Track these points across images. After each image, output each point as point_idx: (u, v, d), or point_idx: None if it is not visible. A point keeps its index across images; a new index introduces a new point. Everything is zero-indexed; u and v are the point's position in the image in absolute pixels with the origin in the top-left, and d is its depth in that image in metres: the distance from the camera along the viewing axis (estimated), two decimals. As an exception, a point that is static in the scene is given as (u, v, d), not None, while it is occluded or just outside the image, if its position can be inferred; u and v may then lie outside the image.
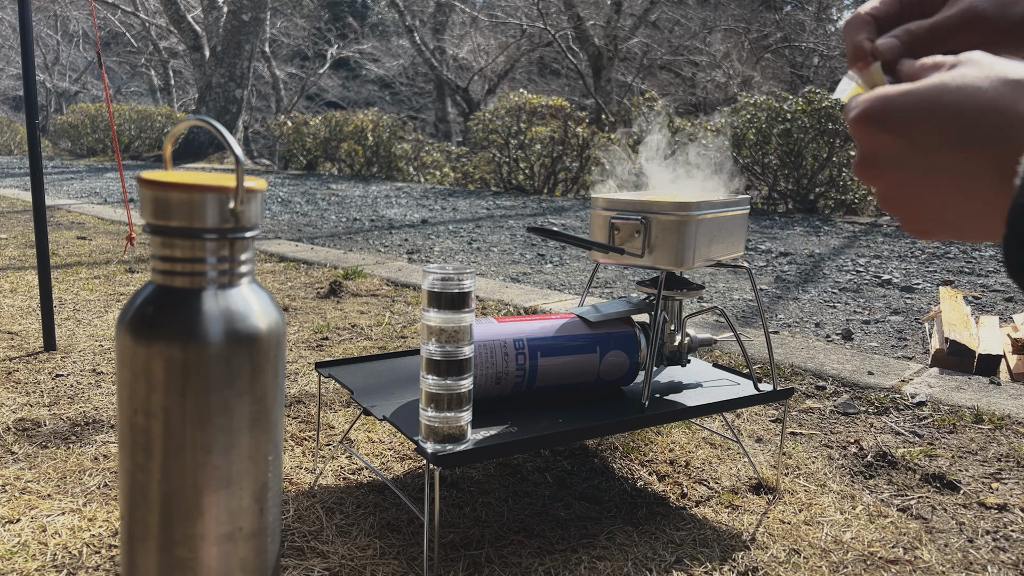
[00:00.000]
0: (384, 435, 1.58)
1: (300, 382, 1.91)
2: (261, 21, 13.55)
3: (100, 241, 4.25)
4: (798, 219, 6.63)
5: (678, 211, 1.20)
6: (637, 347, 1.27)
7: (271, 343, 0.64)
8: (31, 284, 2.95)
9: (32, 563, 1.09)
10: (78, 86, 22.53)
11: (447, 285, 0.99)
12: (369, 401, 1.21)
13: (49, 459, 1.43)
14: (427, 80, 18.96)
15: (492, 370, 1.18)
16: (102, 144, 13.27)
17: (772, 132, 7.23)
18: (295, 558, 1.12)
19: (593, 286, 3.61)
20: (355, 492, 1.33)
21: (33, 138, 2.10)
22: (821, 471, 1.50)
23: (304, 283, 3.20)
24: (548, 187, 9.28)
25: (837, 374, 2.07)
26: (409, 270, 3.55)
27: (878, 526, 1.29)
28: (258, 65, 16.78)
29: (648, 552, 1.17)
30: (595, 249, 1.27)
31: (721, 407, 1.30)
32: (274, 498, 0.67)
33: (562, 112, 9.03)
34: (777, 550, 1.20)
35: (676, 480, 1.43)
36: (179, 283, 0.62)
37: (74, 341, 2.21)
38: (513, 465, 1.46)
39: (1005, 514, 1.35)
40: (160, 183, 0.60)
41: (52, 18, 20.75)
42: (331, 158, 11.68)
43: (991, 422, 1.75)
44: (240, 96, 13.39)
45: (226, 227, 0.61)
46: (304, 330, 2.40)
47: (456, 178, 10.79)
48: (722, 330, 2.52)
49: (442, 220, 6.12)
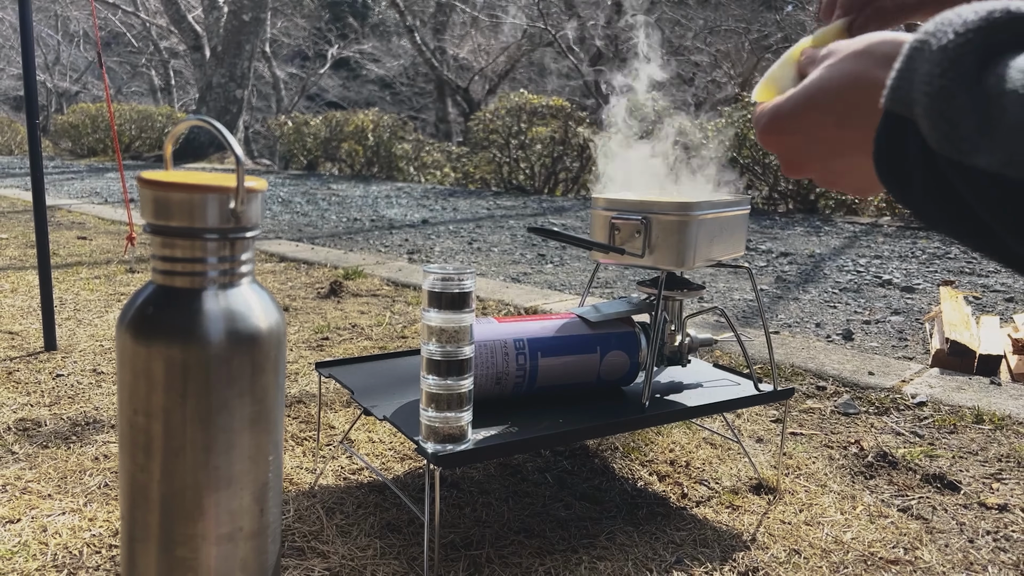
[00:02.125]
0: (384, 435, 1.58)
1: (300, 382, 1.91)
2: (262, 21, 13.56)
3: (101, 241, 4.26)
4: (799, 219, 6.62)
5: (679, 211, 1.20)
6: (638, 347, 1.27)
7: (271, 343, 0.64)
8: (31, 284, 2.95)
9: (32, 563, 1.09)
10: (78, 86, 22.54)
11: (447, 285, 0.99)
12: (369, 401, 1.21)
13: (50, 459, 1.43)
14: (427, 80, 18.95)
15: (492, 370, 1.18)
16: (103, 144, 13.27)
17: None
18: (295, 558, 1.12)
19: (593, 286, 3.61)
20: (355, 492, 1.33)
21: (34, 138, 2.10)
22: (822, 471, 1.50)
23: (304, 283, 3.20)
24: (548, 187, 9.29)
25: (838, 374, 2.07)
26: (409, 270, 3.55)
27: (878, 526, 1.29)
28: (258, 65, 16.77)
29: (648, 552, 1.17)
30: (595, 249, 1.27)
31: (721, 407, 1.30)
32: (274, 498, 0.67)
33: (562, 112, 9.03)
34: (777, 550, 1.20)
35: (676, 480, 1.43)
36: (180, 283, 0.62)
37: (74, 341, 2.21)
38: (513, 465, 1.46)
39: (1005, 514, 1.35)
40: (161, 183, 0.60)
41: (52, 18, 20.75)
42: (331, 158, 11.68)
43: (992, 422, 1.75)
44: (241, 96, 13.39)
45: (227, 227, 0.61)
46: (304, 330, 2.40)
47: (456, 178, 10.79)
48: (723, 330, 2.52)
49: (442, 220, 6.12)
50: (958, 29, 0.34)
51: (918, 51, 0.35)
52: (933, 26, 0.36)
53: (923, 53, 0.35)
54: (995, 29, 0.34)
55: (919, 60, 0.35)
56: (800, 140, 0.45)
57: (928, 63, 0.34)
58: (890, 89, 0.36)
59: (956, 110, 0.33)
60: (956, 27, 0.34)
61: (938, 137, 0.33)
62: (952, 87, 0.33)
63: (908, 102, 0.35)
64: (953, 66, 0.33)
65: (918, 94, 0.34)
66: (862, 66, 0.42)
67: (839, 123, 0.43)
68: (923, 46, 0.35)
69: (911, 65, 0.36)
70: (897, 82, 0.36)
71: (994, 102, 0.32)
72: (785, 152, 0.47)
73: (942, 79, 0.33)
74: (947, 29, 0.35)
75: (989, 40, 0.33)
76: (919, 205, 0.37)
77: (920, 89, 0.34)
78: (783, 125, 0.46)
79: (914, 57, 0.36)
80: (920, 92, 0.34)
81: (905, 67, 0.36)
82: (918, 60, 0.35)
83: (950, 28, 0.34)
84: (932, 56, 0.34)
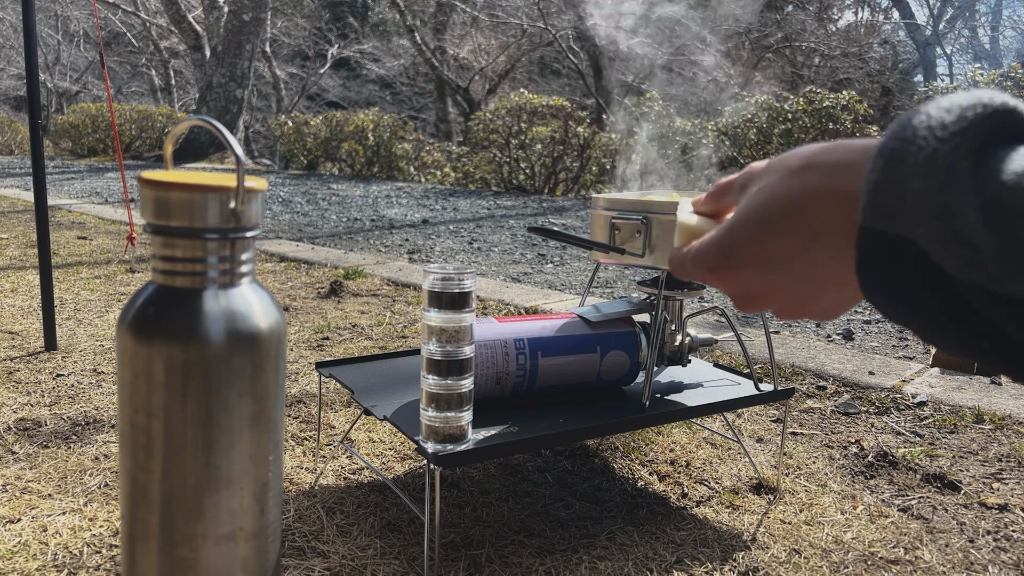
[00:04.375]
0: (385, 435, 1.58)
1: (301, 382, 1.91)
2: (262, 21, 13.55)
3: (101, 241, 4.26)
4: (799, 219, 6.62)
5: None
6: (638, 347, 1.27)
7: (272, 343, 0.64)
8: (32, 284, 2.95)
9: (33, 563, 1.09)
10: (79, 86, 22.54)
11: (448, 285, 0.99)
12: (370, 401, 1.21)
13: (50, 459, 1.43)
14: (428, 80, 18.95)
15: (493, 370, 1.18)
16: (103, 144, 13.27)
17: (773, 132, 7.22)
18: (296, 558, 1.12)
19: (594, 286, 3.61)
20: (356, 492, 1.33)
21: (36, 138, 2.10)
22: (822, 471, 1.50)
23: (305, 283, 3.20)
24: (549, 187, 9.28)
25: (838, 374, 2.07)
26: (410, 270, 3.55)
27: (879, 526, 1.29)
28: (259, 65, 16.78)
29: (649, 552, 1.17)
30: (596, 249, 1.27)
31: (722, 407, 1.30)
32: (275, 498, 0.67)
33: (563, 112, 9.03)
34: (778, 550, 1.20)
35: (677, 480, 1.43)
36: (180, 283, 0.62)
37: (75, 341, 2.21)
38: (514, 465, 1.46)
39: (1006, 514, 1.35)
40: (161, 183, 0.60)
41: (53, 18, 20.76)
42: (332, 158, 11.67)
43: (992, 422, 1.75)
44: (241, 96, 13.39)
45: (227, 227, 0.61)
46: (305, 330, 2.40)
47: (457, 178, 10.79)
48: (723, 330, 2.52)
49: (443, 220, 6.12)
50: (939, 134, 0.30)
51: (894, 160, 0.31)
52: (901, 130, 0.32)
53: (904, 163, 0.31)
54: (980, 128, 0.30)
55: (901, 171, 0.31)
56: (760, 271, 0.41)
57: (919, 177, 0.30)
58: (869, 205, 0.32)
59: (971, 231, 0.29)
60: (936, 131, 0.31)
61: (957, 264, 0.29)
62: (957, 204, 0.29)
63: (901, 220, 0.31)
64: (950, 178, 0.30)
65: (916, 213, 0.30)
66: (813, 180, 0.38)
67: (805, 245, 0.39)
68: (900, 154, 0.31)
69: (892, 177, 0.31)
70: (877, 196, 0.32)
71: (1013, 214, 0.28)
72: (743, 287, 0.43)
73: (943, 195, 0.30)
74: (925, 135, 0.31)
75: (978, 142, 0.30)
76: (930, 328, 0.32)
77: (917, 207, 0.30)
78: (735, 258, 0.41)
79: (892, 167, 0.31)
80: (918, 211, 0.30)
81: (884, 179, 0.32)
82: (900, 171, 0.31)
83: (928, 133, 0.31)
84: (919, 167, 0.30)
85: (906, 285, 0.32)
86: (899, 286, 0.32)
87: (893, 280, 0.33)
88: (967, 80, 5.37)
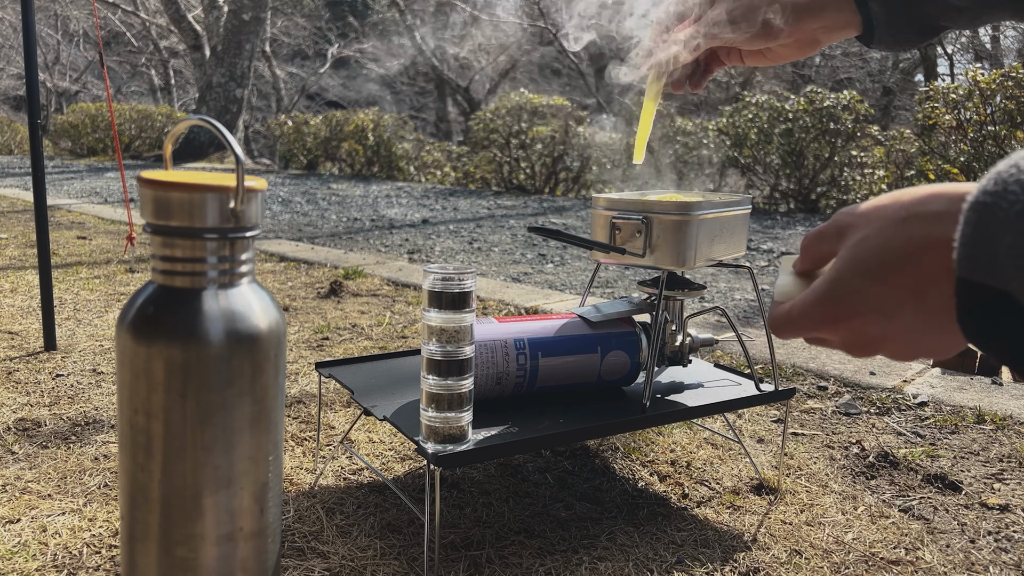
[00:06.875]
0: (385, 435, 1.58)
1: (300, 382, 1.90)
2: (262, 20, 13.55)
3: (100, 241, 4.25)
4: (800, 219, 6.62)
5: (679, 211, 1.19)
6: (638, 347, 1.27)
7: (272, 343, 0.64)
8: (31, 284, 2.95)
9: (32, 563, 1.09)
10: (78, 86, 22.53)
11: (448, 285, 0.98)
12: (370, 401, 1.21)
13: (49, 459, 1.43)
14: (428, 79, 18.95)
15: (493, 370, 1.17)
16: (102, 144, 13.26)
17: (774, 132, 7.22)
18: (295, 558, 1.12)
19: (594, 286, 3.60)
20: (355, 492, 1.33)
21: (35, 138, 2.10)
22: (823, 472, 1.50)
23: (304, 283, 3.20)
24: (549, 187, 9.28)
25: (839, 374, 2.06)
26: (410, 270, 3.55)
27: (880, 527, 1.29)
28: (258, 64, 16.77)
29: (649, 553, 1.17)
30: (596, 249, 1.27)
31: (722, 407, 1.30)
32: (274, 498, 0.67)
33: (563, 111, 9.03)
34: (779, 551, 1.19)
35: (677, 481, 1.43)
36: (180, 283, 0.61)
37: (74, 341, 2.20)
38: (514, 465, 1.45)
39: (1007, 515, 1.35)
40: (161, 183, 0.60)
41: (53, 17, 20.75)
42: (332, 158, 11.67)
43: (993, 422, 1.75)
44: (240, 96, 13.39)
45: (227, 227, 0.61)
46: (304, 330, 2.40)
47: (457, 178, 10.79)
48: (724, 330, 2.52)
49: (443, 220, 6.12)
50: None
51: (986, 214, 0.33)
52: (993, 184, 0.33)
53: (995, 217, 0.32)
54: None
55: (992, 226, 0.32)
56: (873, 318, 0.42)
57: (1010, 232, 0.32)
58: (963, 258, 0.34)
59: None
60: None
61: None
62: None
63: (995, 274, 0.32)
64: None
65: (1010, 268, 0.32)
66: (918, 231, 0.39)
67: (917, 292, 0.40)
68: (992, 208, 0.32)
69: (984, 232, 0.33)
70: (970, 250, 0.34)
71: None
72: (856, 336, 0.44)
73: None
74: (1015, 189, 0.32)
75: None
76: None
77: (1009, 263, 0.32)
78: (846, 308, 0.43)
79: (984, 222, 0.33)
80: (1011, 266, 0.32)
81: (976, 233, 0.33)
82: (992, 226, 0.32)
83: (1018, 188, 0.32)
84: (1011, 224, 0.32)
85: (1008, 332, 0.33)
86: (1000, 332, 0.34)
87: (994, 329, 0.34)
88: (968, 80, 5.36)
